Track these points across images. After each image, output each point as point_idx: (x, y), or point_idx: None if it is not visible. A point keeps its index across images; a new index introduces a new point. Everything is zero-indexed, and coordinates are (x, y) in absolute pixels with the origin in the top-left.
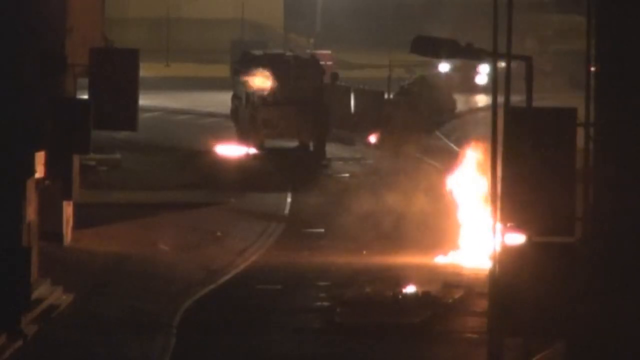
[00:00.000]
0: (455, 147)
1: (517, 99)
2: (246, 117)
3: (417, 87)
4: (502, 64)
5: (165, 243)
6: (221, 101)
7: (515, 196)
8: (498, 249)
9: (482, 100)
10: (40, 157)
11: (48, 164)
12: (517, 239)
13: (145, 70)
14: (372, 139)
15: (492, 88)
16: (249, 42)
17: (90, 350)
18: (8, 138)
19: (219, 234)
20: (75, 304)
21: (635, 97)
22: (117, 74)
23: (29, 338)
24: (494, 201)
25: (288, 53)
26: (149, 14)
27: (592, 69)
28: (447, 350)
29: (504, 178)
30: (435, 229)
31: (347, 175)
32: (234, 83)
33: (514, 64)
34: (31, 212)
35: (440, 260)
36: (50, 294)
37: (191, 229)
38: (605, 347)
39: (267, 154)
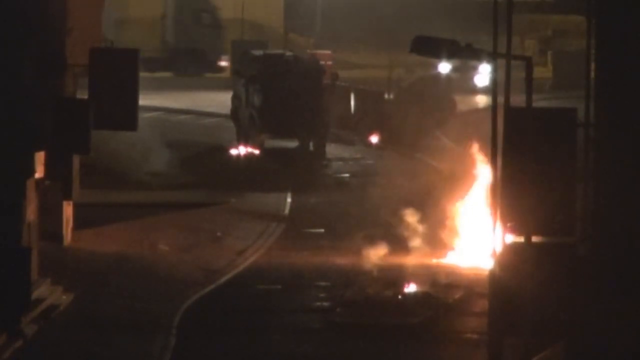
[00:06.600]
0: (455, 148)
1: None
2: (246, 117)
3: (417, 87)
4: None
5: (165, 243)
6: (221, 101)
7: (515, 196)
8: (498, 249)
9: (482, 100)
10: (40, 157)
11: (48, 164)
12: (517, 239)
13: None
14: (372, 139)
15: (492, 88)
16: (249, 42)
17: (90, 350)
18: (8, 138)
19: (219, 234)
20: (75, 304)
21: (635, 97)
22: (117, 74)
23: (29, 338)
24: (494, 201)
25: (288, 53)
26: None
27: (592, 69)
28: (447, 350)
29: (503, 178)
30: (435, 228)
31: (347, 175)
32: (234, 83)
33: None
34: (31, 212)
35: (440, 260)
36: (50, 294)
37: (191, 229)
38: (605, 347)
39: (267, 154)
